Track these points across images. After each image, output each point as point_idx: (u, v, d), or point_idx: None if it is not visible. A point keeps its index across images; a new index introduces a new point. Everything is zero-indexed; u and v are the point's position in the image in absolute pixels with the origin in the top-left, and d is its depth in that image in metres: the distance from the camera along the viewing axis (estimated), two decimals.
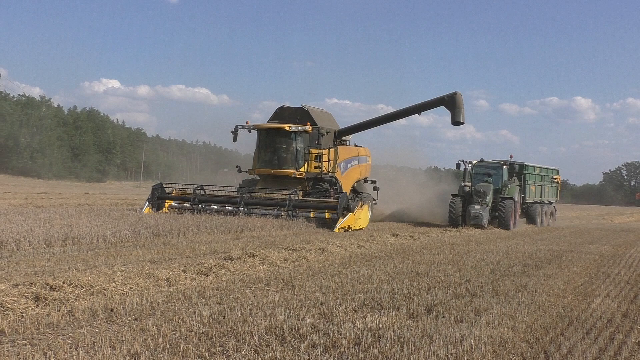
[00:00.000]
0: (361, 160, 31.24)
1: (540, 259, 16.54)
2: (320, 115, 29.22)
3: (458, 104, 28.27)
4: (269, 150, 27.33)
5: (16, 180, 76.78)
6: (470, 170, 31.22)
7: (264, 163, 27.38)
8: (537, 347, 7.45)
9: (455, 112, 28.39)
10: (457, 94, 28.45)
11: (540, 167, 36.03)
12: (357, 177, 30.85)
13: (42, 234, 14.23)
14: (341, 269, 13.01)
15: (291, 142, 26.96)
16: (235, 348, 6.72)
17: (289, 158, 27.00)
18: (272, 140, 27.34)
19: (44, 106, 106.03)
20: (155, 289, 9.79)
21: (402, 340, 7.24)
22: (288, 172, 26.75)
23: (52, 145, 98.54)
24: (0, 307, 7.83)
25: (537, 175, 35.45)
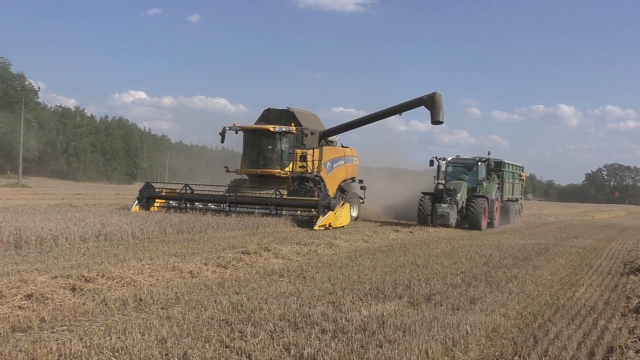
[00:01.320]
0: (347, 161, 29.61)
1: (528, 252, 16.47)
2: (306, 117, 27.73)
3: (437, 103, 26.72)
4: (255, 151, 25.96)
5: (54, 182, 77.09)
6: (445, 167, 27.54)
7: (250, 163, 26.02)
8: (527, 332, 7.42)
9: (434, 112, 26.83)
10: (437, 94, 26.90)
11: (512, 164, 32.25)
12: (344, 176, 29.26)
13: (77, 231, 14.26)
14: (348, 261, 12.99)
15: (276, 143, 25.53)
16: (253, 334, 6.71)
17: (274, 158, 25.63)
18: (257, 141, 25.95)
19: (78, 116, 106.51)
20: (180, 280, 9.79)
21: (404, 326, 7.22)
22: (273, 171, 25.42)
23: (86, 151, 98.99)
24: (40, 297, 7.85)
25: (511, 173, 31.80)
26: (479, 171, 26.97)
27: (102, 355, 5.77)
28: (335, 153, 28.56)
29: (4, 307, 7.35)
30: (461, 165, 27.57)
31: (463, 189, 25.80)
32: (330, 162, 27.74)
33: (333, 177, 27.77)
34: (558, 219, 41.37)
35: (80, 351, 5.83)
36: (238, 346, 6.21)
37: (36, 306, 7.55)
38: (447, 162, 27.55)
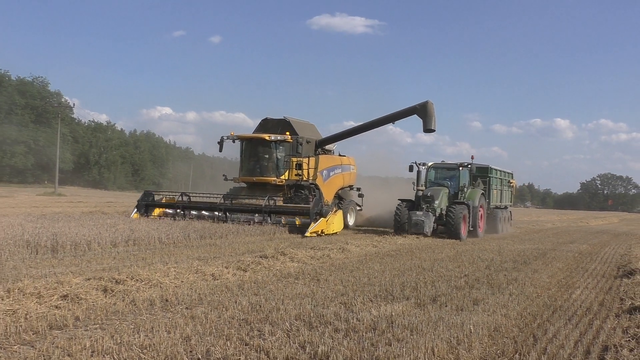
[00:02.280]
0: (344, 169, 28.30)
1: (527, 256, 16.33)
2: (302, 126, 26.48)
3: (429, 112, 25.02)
4: (252, 159, 24.82)
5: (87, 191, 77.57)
6: (426, 173, 24.51)
7: (247, 171, 24.86)
8: (527, 331, 7.35)
9: (426, 120, 25.09)
10: (429, 102, 25.16)
11: (500, 170, 28.95)
12: (341, 184, 27.95)
13: (108, 237, 14.32)
14: (359, 265, 12.94)
15: (271, 151, 24.38)
16: (270, 332, 6.70)
17: (270, 166, 24.47)
18: (254, 149, 24.78)
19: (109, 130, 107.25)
20: (203, 282, 9.79)
21: (411, 326, 7.18)
22: (269, 179, 24.19)
23: (116, 162, 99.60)
24: (75, 297, 7.89)
25: (499, 179, 28.45)
26: (461, 177, 23.95)
27: (131, 351, 5.78)
28: (332, 161, 27.49)
29: (42, 306, 7.39)
30: (443, 171, 24.80)
31: (442, 195, 22.86)
32: (327, 170, 26.72)
33: (330, 185, 26.74)
34: (555, 225, 40.99)
35: (112, 348, 5.85)
36: (257, 344, 6.20)
37: (71, 306, 7.59)
38: (428, 167, 24.53)
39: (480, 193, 24.18)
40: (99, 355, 5.66)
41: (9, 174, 79.43)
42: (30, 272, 10.13)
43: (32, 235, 13.07)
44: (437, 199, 22.43)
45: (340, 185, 27.87)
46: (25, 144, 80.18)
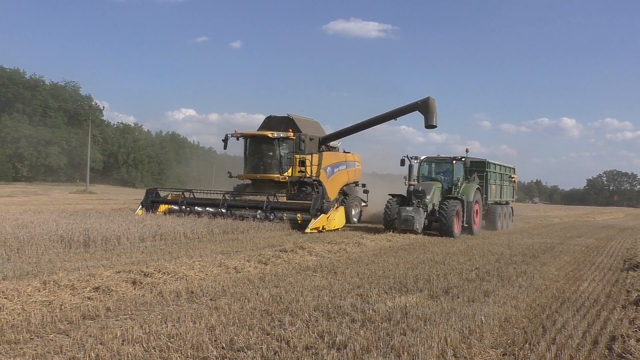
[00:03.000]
0: (349, 166, 27.02)
1: (536, 250, 16.19)
2: (306, 123, 25.52)
3: (431, 108, 23.85)
4: (256, 157, 23.97)
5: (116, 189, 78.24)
6: (419, 167, 22.55)
7: (251, 169, 24.01)
8: (536, 322, 7.29)
9: (428, 116, 23.96)
10: (430, 98, 23.99)
11: (500, 164, 26.83)
12: (345, 181, 26.73)
13: (136, 232, 14.42)
14: (374, 258, 12.91)
15: (275, 148, 23.45)
16: (291, 323, 6.71)
17: (273, 163, 23.55)
18: (257, 147, 23.99)
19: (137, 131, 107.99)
20: (226, 275, 9.83)
21: (425, 317, 7.15)
22: (272, 176, 23.33)
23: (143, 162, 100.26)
24: (106, 289, 7.96)
25: (498, 174, 26.31)
26: (455, 171, 22.03)
27: (159, 340, 5.82)
28: (336, 158, 26.31)
29: (75, 297, 7.48)
30: (436, 165, 22.98)
31: (434, 190, 20.85)
32: (331, 167, 25.57)
33: (334, 181, 25.56)
34: (562, 220, 40.57)
35: (141, 337, 5.89)
36: (278, 333, 6.21)
37: (103, 297, 7.66)
38: (420, 161, 22.63)
39: (476, 188, 22.20)
40: (129, 343, 5.71)
41: (44, 173, 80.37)
42: (64, 265, 10.23)
43: (65, 231, 13.20)
44: (429, 193, 20.46)
45: (344, 182, 26.87)
46: (59, 145, 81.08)
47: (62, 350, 5.45)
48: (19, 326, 6.14)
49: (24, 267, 9.93)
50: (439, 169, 22.78)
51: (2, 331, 5.93)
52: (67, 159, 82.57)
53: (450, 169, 22.22)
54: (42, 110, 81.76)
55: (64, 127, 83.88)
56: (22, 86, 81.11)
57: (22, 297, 7.10)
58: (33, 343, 5.71)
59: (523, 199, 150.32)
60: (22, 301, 6.97)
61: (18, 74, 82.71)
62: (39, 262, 10.66)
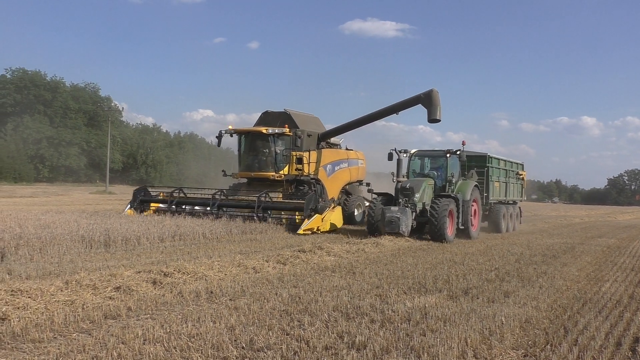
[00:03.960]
0: (351, 163, 25.59)
1: (556, 250, 16.03)
2: (304, 119, 24.09)
3: (434, 101, 22.20)
4: (250, 154, 22.69)
5: None
6: (409, 162, 20.19)
7: (246, 166, 22.77)
8: (558, 323, 7.21)
9: (431, 110, 22.23)
10: (433, 91, 22.34)
11: (505, 160, 24.64)
12: (347, 179, 25.29)
13: (156, 232, 14.54)
14: (392, 259, 12.88)
15: (270, 145, 22.18)
16: (310, 323, 6.71)
17: (268, 161, 22.30)
18: (251, 144, 22.69)
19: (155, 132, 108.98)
20: (245, 275, 9.87)
21: (444, 317, 7.12)
22: (267, 174, 22.05)
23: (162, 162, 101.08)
24: (127, 289, 8.04)
25: (502, 170, 23.89)
26: (448, 166, 19.43)
27: (180, 340, 5.86)
28: (337, 155, 24.84)
29: (97, 297, 7.56)
30: (428, 159, 20.51)
31: (424, 187, 18.32)
32: (331, 164, 24.21)
33: (334, 180, 24.22)
34: (583, 220, 40.11)
35: (162, 336, 5.94)
36: (297, 334, 6.22)
37: (124, 297, 7.74)
38: (411, 155, 20.16)
39: (474, 185, 19.84)
40: (150, 343, 5.76)
41: (64, 173, 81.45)
42: (86, 265, 10.36)
43: (86, 231, 13.35)
44: (418, 191, 17.89)
45: (346, 181, 25.41)
46: (79, 146, 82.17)
47: (84, 349, 5.52)
48: (42, 325, 6.23)
49: (47, 266, 10.07)
50: (432, 164, 20.36)
51: (26, 330, 6.02)
52: (87, 159, 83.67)
53: (444, 164, 19.63)
54: (63, 111, 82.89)
55: (83, 128, 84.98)
56: (43, 88, 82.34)
57: (45, 296, 7.21)
58: (56, 342, 5.79)
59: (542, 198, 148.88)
60: (45, 300, 7.07)
61: (39, 76, 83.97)
62: (61, 262, 10.81)
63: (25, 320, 6.34)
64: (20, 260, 10.85)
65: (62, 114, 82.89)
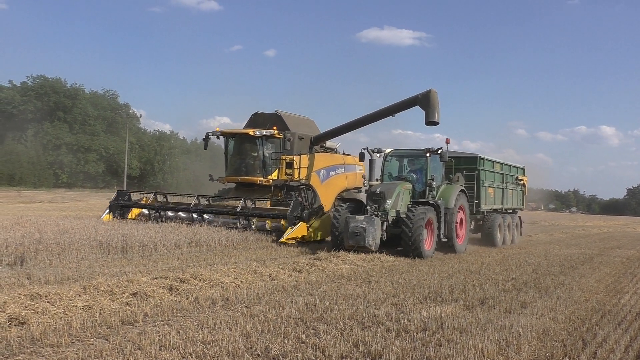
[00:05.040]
0: (348, 169, 23.88)
1: (574, 261, 15.85)
2: (296, 121, 22.63)
3: (432, 102, 20.29)
4: (238, 158, 21.52)
5: None
6: (384, 163, 17.79)
7: (233, 171, 21.58)
8: (576, 335, 7.13)
9: (429, 111, 20.26)
10: (432, 91, 20.43)
11: (501, 163, 22.00)
12: (344, 186, 23.60)
13: (172, 238, 14.60)
14: (408, 267, 12.82)
15: (258, 148, 20.92)
16: (325, 331, 6.70)
17: (256, 165, 20.99)
18: (239, 146, 21.58)
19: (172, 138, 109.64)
20: (260, 282, 9.88)
21: (460, 327, 7.07)
22: (255, 179, 20.70)
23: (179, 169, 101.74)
24: (144, 295, 8.09)
25: (497, 175, 21.31)
26: (428, 167, 16.79)
27: (196, 346, 5.88)
28: (332, 160, 23.21)
29: (114, 302, 7.62)
30: (406, 160, 17.97)
31: (399, 192, 15.73)
32: (325, 170, 22.64)
33: (329, 186, 22.57)
34: (601, 230, 39.63)
35: (178, 343, 5.97)
36: (313, 342, 6.21)
37: (140, 303, 7.79)
38: (386, 155, 17.81)
39: (459, 190, 17.29)
40: (166, 349, 5.79)
41: (83, 179, 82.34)
42: (103, 270, 10.45)
43: (104, 237, 13.47)
44: (390, 197, 15.36)
45: (343, 187, 23.71)
46: (97, 152, 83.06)
47: (102, 354, 5.56)
48: (61, 330, 6.29)
49: (65, 272, 10.17)
50: (411, 165, 17.80)
51: (45, 334, 6.08)
52: (105, 165, 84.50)
53: (423, 166, 17.07)
54: (82, 118, 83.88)
55: (102, 134, 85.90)
56: (64, 95, 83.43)
57: (63, 301, 7.28)
58: (74, 347, 5.84)
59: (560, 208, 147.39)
60: (63, 305, 7.15)
61: (60, 83, 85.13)
62: (79, 267, 10.91)
63: (44, 325, 6.41)
64: (39, 265, 10.98)
65: (82, 120, 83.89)
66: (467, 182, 19.14)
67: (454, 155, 19.27)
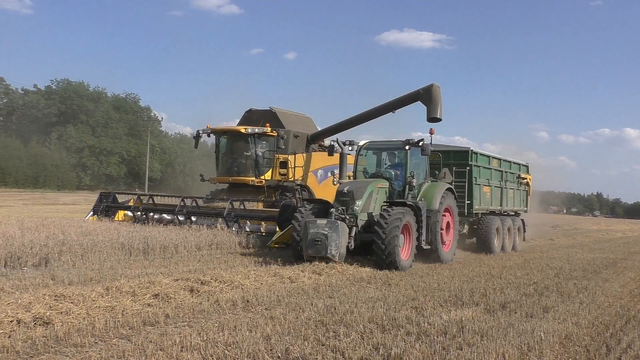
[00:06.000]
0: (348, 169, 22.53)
1: (598, 265, 15.63)
2: (291, 118, 21.57)
3: (434, 98, 19.08)
4: (229, 157, 20.62)
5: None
6: (356, 158, 15.46)
7: (224, 171, 20.69)
8: (599, 340, 7.03)
9: (431, 107, 19.05)
10: (434, 86, 19.22)
11: (499, 158, 19.61)
12: None
13: (193, 240, 14.71)
14: (428, 271, 12.76)
15: (250, 146, 19.92)
16: (345, 334, 6.70)
17: (248, 164, 20.01)
18: (230, 145, 20.64)
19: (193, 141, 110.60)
20: (280, 285, 9.91)
21: (481, 331, 7.01)
22: (246, 179, 19.70)
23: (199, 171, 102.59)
24: (165, 296, 8.16)
25: (495, 172, 18.97)
26: (408, 162, 14.51)
27: (216, 348, 5.92)
28: (330, 160, 20.61)
29: (136, 304, 7.70)
30: (384, 154, 15.47)
31: (371, 192, 13.53)
32: (323, 170, 21.58)
33: (327, 186, 20.68)
34: (625, 234, 39.01)
35: (199, 344, 6.01)
36: (333, 344, 6.21)
37: (162, 304, 7.85)
38: (359, 148, 15.47)
39: (445, 189, 15.00)
40: (187, 350, 5.83)
41: (105, 181, 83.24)
42: (125, 272, 10.57)
43: (126, 239, 13.61)
44: (360, 197, 13.15)
45: None
46: (119, 155, 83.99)
47: (124, 355, 5.63)
48: (84, 330, 6.38)
49: (88, 273, 10.31)
50: (391, 160, 15.39)
51: (69, 334, 6.17)
52: (126, 168, 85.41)
53: (403, 160, 14.81)
54: (104, 121, 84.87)
55: (124, 137, 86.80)
56: (86, 98, 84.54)
57: (87, 302, 7.38)
58: (97, 347, 5.92)
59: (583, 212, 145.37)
60: (86, 306, 7.24)
61: (83, 87, 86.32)
62: (101, 268, 11.05)
63: (67, 325, 6.51)
64: (63, 266, 11.15)
65: (104, 123, 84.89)
66: (458, 179, 17.14)
67: (443, 150, 17.33)
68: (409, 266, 12.96)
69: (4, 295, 7.54)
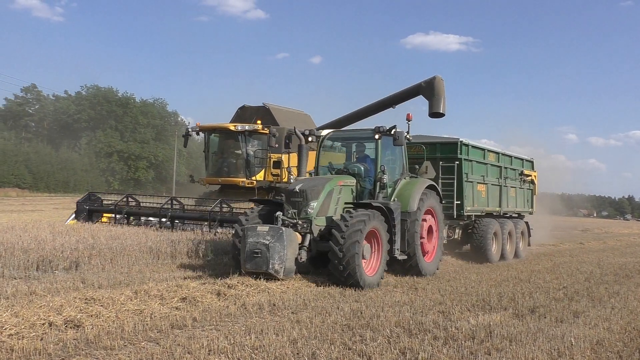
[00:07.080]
0: None
1: (630, 270, 15.31)
2: (287, 115, 20.29)
3: (437, 91, 17.64)
4: (219, 156, 19.50)
5: None
6: (318, 150, 12.89)
7: (213, 171, 19.54)
8: (632, 346, 6.88)
9: (433, 101, 17.74)
10: (437, 78, 17.86)
11: (495, 152, 17.15)
12: None
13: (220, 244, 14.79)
14: (455, 275, 12.65)
15: (240, 145, 18.67)
16: (372, 338, 6.67)
17: (238, 164, 18.80)
18: (220, 143, 19.54)
19: None
20: (307, 288, 9.91)
21: (510, 336, 6.92)
22: (236, 180, 18.50)
23: None
24: (193, 300, 8.23)
25: (492, 167, 16.56)
26: (379, 155, 11.86)
27: (243, 351, 5.95)
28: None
29: (164, 307, 7.78)
30: (354, 146, 13.14)
31: (329, 191, 11.08)
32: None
33: None
34: None
35: (226, 347, 6.05)
36: (359, 349, 6.20)
37: (189, 307, 7.92)
38: (322, 138, 12.90)
39: (425, 186, 12.52)
40: (215, 354, 5.87)
41: (133, 186, 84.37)
42: (153, 275, 10.68)
43: (154, 242, 13.74)
44: (316, 198, 10.84)
45: None
46: (147, 159, 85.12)
47: (153, 357, 5.69)
48: (113, 333, 6.47)
49: (117, 276, 10.45)
50: (360, 153, 12.89)
51: (99, 337, 6.26)
52: (154, 172, 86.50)
53: (373, 152, 12.22)
54: (133, 126, 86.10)
55: (151, 142, 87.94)
56: (115, 104, 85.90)
57: (116, 305, 7.48)
58: (126, 350, 5.99)
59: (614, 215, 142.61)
60: (116, 309, 7.34)
61: (112, 93, 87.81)
62: (130, 272, 11.19)
63: (97, 328, 6.61)
64: (92, 269, 11.31)
65: (132, 128, 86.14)
66: (446, 176, 14.84)
67: (428, 141, 14.70)
68: (376, 283, 10.46)
69: (36, 299, 7.69)
